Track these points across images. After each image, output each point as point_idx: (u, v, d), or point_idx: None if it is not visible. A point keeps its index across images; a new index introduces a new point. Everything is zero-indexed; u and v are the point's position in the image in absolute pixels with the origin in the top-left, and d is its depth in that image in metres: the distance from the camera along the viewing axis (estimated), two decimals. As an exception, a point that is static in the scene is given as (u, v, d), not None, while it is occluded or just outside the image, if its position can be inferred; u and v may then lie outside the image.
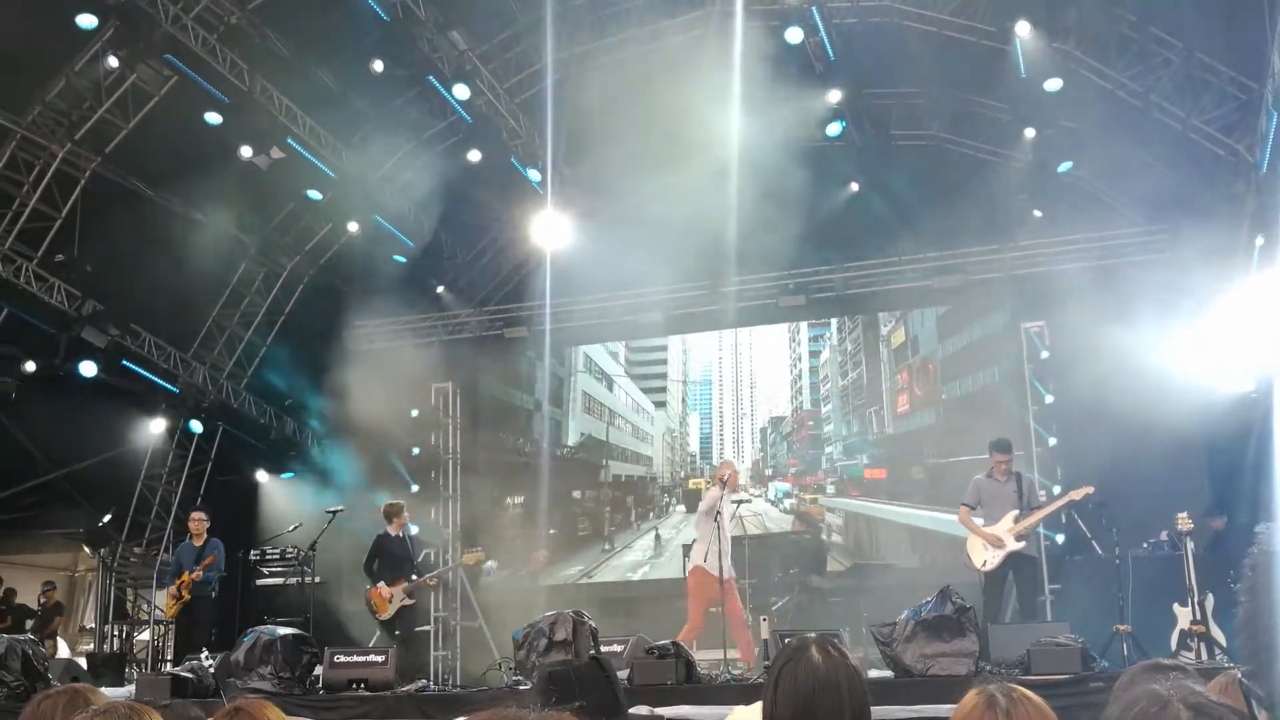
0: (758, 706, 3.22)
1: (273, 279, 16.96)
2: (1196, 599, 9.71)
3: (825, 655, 2.85)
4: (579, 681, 3.54)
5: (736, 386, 17.08)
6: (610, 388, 17.89)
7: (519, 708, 0.88)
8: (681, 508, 17.13)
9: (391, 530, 12.11)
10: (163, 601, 12.90)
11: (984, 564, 10.41)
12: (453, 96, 14.68)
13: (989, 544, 10.36)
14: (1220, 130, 13.57)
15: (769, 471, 16.52)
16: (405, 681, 10.00)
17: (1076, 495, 10.42)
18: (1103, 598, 10.71)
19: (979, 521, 10.62)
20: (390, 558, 11.90)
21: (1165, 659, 4.16)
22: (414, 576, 11.95)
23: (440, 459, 17.69)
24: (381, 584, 11.75)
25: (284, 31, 14.08)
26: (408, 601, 11.69)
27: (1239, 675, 3.44)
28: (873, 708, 2.91)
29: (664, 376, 17.88)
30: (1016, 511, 10.37)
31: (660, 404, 17.77)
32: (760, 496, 15.83)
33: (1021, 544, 10.31)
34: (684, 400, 17.36)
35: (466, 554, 12.57)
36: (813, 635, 3.04)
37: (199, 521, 12.66)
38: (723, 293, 16.44)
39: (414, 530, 13.63)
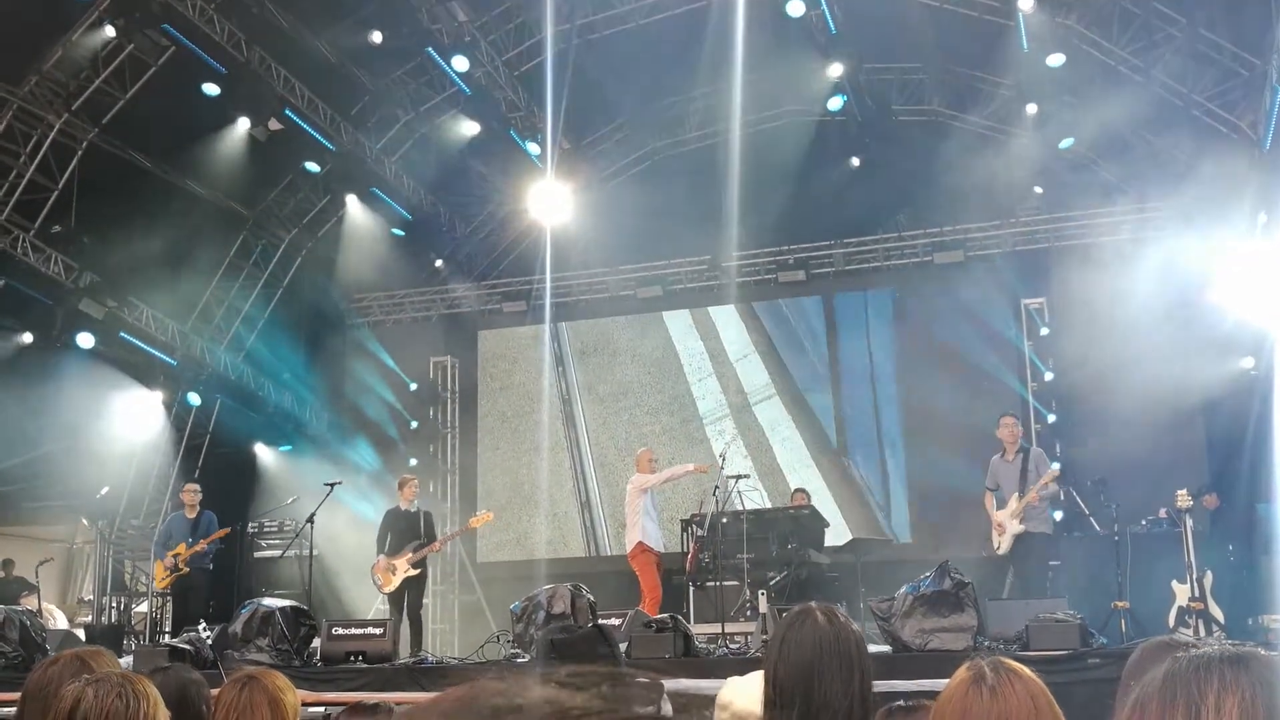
0: (753, 676, 3.21)
1: (270, 251, 16.90)
2: (1195, 576, 9.74)
3: (830, 620, 2.85)
4: (582, 648, 3.53)
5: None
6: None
7: (498, 677, 0.85)
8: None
9: (402, 503, 12.06)
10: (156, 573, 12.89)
11: (998, 548, 10.63)
12: (452, 68, 14.61)
13: (996, 529, 10.53)
14: (1223, 107, 13.53)
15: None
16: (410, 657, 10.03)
17: (1047, 479, 10.51)
18: (1101, 574, 10.76)
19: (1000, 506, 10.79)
20: (398, 531, 11.83)
21: (1174, 636, 4.15)
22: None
23: (439, 432, 17.71)
24: (382, 556, 11.70)
25: (282, 1, 13.99)
26: (413, 573, 11.59)
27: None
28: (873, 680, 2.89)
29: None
30: (1018, 492, 10.46)
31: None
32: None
33: (1022, 526, 10.38)
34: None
35: (472, 518, 12.47)
36: (814, 603, 3.02)
37: (193, 493, 12.66)
38: (723, 267, 16.39)
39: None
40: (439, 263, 17.95)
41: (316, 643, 9.71)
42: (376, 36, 14.28)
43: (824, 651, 2.77)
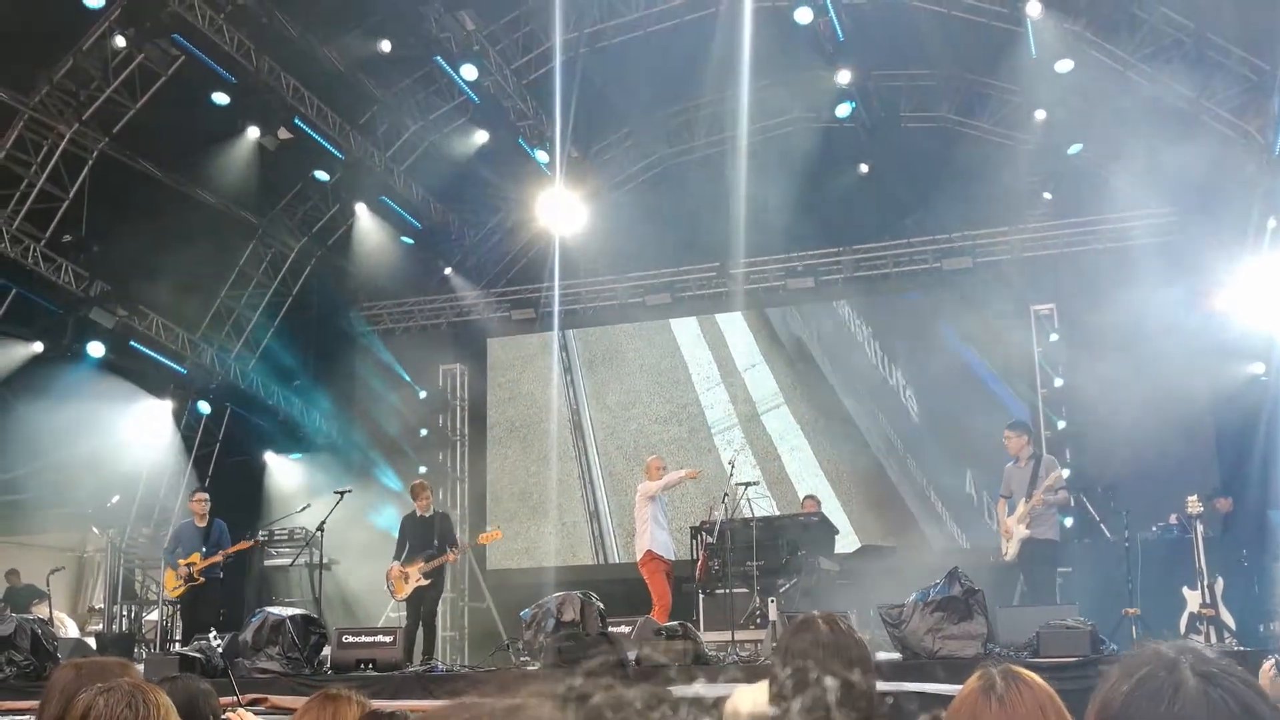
0: (760, 686, 3.22)
1: (280, 260, 16.94)
2: (1206, 582, 9.70)
3: (832, 627, 2.86)
4: (590, 656, 3.54)
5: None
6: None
7: (482, 696, 0.85)
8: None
9: (418, 509, 12.07)
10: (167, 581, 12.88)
11: (1006, 554, 10.66)
12: (460, 77, 14.66)
13: (1004, 535, 10.54)
14: (1231, 112, 13.51)
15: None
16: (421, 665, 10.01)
17: (1051, 480, 10.53)
18: (1111, 581, 10.72)
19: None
20: (414, 537, 11.86)
21: (1172, 640, 4.15)
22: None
23: (448, 440, 17.73)
24: (396, 563, 11.72)
25: (291, 11, 14.03)
26: (423, 583, 11.61)
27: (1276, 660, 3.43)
28: (881, 683, 2.90)
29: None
30: (1026, 497, 10.49)
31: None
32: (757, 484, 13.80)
33: (1028, 531, 10.39)
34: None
35: (480, 535, 12.52)
36: (818, 611, 3.03)
37: (202, 502, 12.59)
38: (731, 274, 16.38)
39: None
40: (448, 271, 17.98)
41: (326, 651, 9.71)
42: (385, 45, 14.33)
43: (825, 657, 2.78)
